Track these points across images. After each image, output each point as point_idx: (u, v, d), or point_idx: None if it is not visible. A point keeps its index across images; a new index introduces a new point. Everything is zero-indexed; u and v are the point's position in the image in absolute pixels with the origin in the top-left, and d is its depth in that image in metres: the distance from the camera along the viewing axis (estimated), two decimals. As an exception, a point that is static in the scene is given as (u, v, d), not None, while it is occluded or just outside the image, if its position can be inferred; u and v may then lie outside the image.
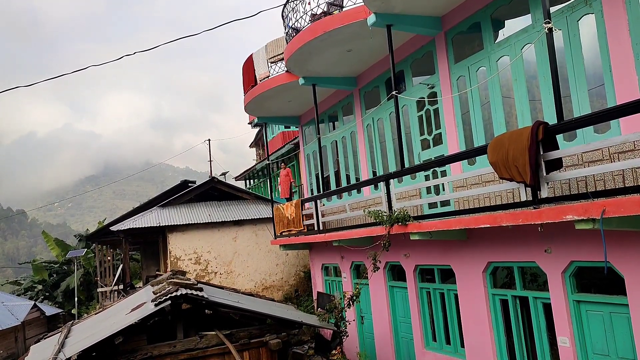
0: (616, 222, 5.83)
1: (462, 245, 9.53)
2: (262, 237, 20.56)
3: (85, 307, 31.77)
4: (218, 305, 9.45)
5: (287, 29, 12.48)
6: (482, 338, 9.22)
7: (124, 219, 21.90)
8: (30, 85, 11.58)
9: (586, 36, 7.46)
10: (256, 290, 19.39)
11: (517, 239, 8.21)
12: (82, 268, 34.06)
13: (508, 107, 9.08)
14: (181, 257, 19.64)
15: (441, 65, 10.27)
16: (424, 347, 10.96)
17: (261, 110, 16.64)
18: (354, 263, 13.79)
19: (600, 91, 7.37)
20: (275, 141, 28.96)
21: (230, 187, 22.78)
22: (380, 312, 12.58)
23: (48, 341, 10.85)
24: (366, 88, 13.49)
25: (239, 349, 9.29)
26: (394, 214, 9.55)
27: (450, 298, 10.28)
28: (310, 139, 17.34)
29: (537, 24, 8.03)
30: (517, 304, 8.66)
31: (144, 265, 27.51)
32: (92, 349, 8.34)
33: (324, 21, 10.77)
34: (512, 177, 6.88)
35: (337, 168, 16.05)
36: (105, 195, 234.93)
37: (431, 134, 10.96)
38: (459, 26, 9.77)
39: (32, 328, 26.77)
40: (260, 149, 36.92)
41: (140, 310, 9.30)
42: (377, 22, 9.55)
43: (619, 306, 6.84)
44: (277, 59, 14.16)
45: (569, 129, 6.64)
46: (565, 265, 7.43)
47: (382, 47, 11.28)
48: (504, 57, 8.85)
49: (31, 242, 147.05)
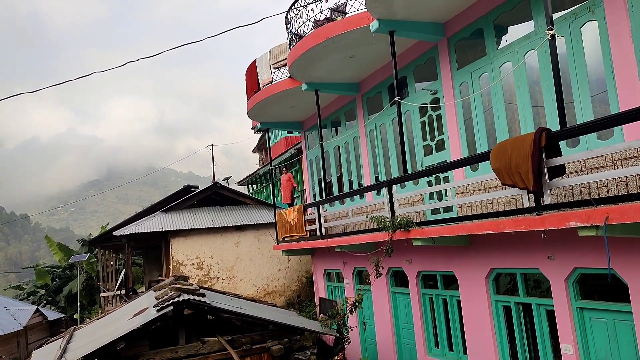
0: (620, 229, 5.81)
1: (464, 251, 9.51)
2: (264, 243, 20.55)
3: (87, 312, 31.75)
4: (220, 311, 9.45)
5: (290, 35, 12.52)
6: (484, 345, 9.18)
7: (126, 223, 21.91)
8: (34, 92, 11.63)
9: (589, 43, 7.46)
10: (258, 296, 19.37)
11: (520, 245, 8.19)
12: (84, 273, 34.07)
13: (511, 113, 9.08)
14: (183, 262, 19.65)
15: (444, 71, 10.28)
16: (427, 354, 10.92)
17: (264, 116, 16.67)
18: (357, 269, 13.77)
19: (603, 97, 7.37)
20: (278, 146, 29.00)
21: (233, 192, 22.80)
22: (382, 318, 12.55)
23: (50, 346, 10.85)
24: (369, 94, 13.50)
25: (241, 355, 9.28)
26: (396, 219, 9.53)
27: (453, 304, 10.25)
28: (312, 144, 17.36)
29: (540, 31, 8.03)
30: (520, 311, 8.63)
31: (147, 270, 27.51)
32: (94, 354, 8.34)
33: (327, 27, 10.80)
34: (515, 183, 6.87)
35: (339, 173, 16.06)
36: (108, 200, 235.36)
37: (434, 140, 10.96)
38: (462, 32, 9.79)
39: (35, 333, 26.74)
40: (263, 154, 36.97)
41: (142, 315, 9.30)
42: (380, 28, 9.57)
43: (622, 313, 6.81)
44: (280, 65, 14.20)
45: (572, 135, 6.63)
46: (569, 272, 7.40)
47: (384, 53, 11.30)
48: (506, 64, 8.86)
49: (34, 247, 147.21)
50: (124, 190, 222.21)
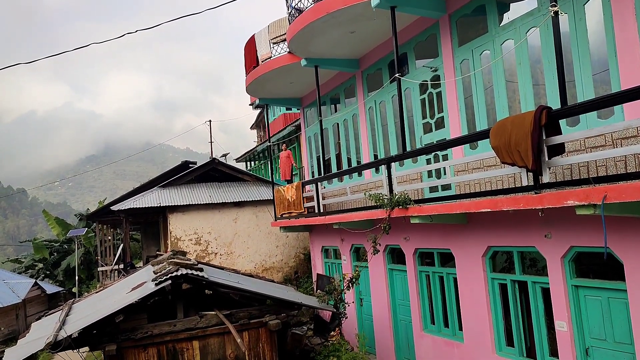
0: (617, 208, 5.83)
1: (462, 229, 9.55)
2: (262, 219, 20.61)
3: (85, 286, 31.98)
4: (218, 286, 9.50)
5: (290, 10, 12.35)
6: (480, 321, 9.29)
7: (124, 198, 21.91)
8: (30, 62, 11.50)
9: (592, 21, 7.38)
10: (256, 272, 19.49)
11: (518, 223, 8.23)
12: (82, 247, 34.22)
13: (511, 91, 9.03)
14: (181, 238, 19.72)
15: (445, 48, 10.19)
16: (422, 330, 11.05)
17: (263, 92, 16.55)
18: (354, 246, 13.84)
19: (604, 76, 7.33)
20: (277, 123, 28.87)
21: (231, 168, 22.76)
22: (379, 294, 12.66)
23: (49, 318, 10.93)
24: (369, 70, 13.40)
25: (238, 329, 9.36)
26: (394, 197, 9.55)
27: (450, 282, 10.33)
28: (311, 121, 17.29)
29: (543, 8, 7.94)
30: (516, 289, 8.72)
31: (145, 245, 27.63)
32: (93, 326, 8.41)
33: (327, 2, 10.65)
34: (514, 161, 6.87)
35: (338, 151, 16.03)
36: (106, 175, 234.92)
37: (433, 118, 10.92)
38: (464, 9, 9.67)
39: (33, 306, 26.99)
40: (261, 131, 36.83)
41: (140, 289, 9.36)
42: (381, 3, 9.44)
43: (617, 291, 6.88)
44: (279, 40, 14.04)
45: (573, 114, 6.61)
46: (565, 251, 7.45)
47: (385, 29, 11.18)
48: (508, 41, 8.78)
49: (32, 221, 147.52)
50: (122, 166, 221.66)
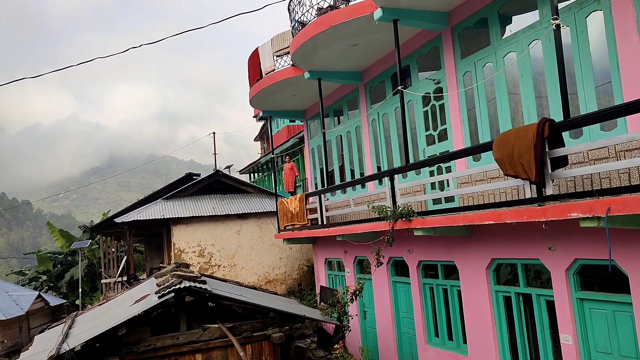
0: (621, 221, 5.81)
1: (465, 241, 9.52)
2: (265, 231, 20.59)
3: (89, 298, 31.92)
4: (221, 298, 9.48)
5: (294, 23, 12.45)
6: (484, 334, 9.22)
7: (128, 210, 21.96)
8: (36, 77, 11.59)
9: (594, 33, 7.41)
10: (259, 284, 19.43)
11: (521, 236, 8.20)
12: (86, 259, 34.21)
13: (514, 103, 9.04)
14: (185, 250, 19.70)
15: (447, 61, 10.23)
16: (427, 343, 10.98)
17: (266, 104, 16.63)
18: (357, 258, 13.80)
19: (607, 88, 7.33)
20: (280, 135, 28.94)
21: (234, 180, 22.80)
22: (383, 307, 12.59)
23: (52, 331, 10.91)
24: (372, 83, 13.45)
25: (241, 342, 9.33)
26: (398, 209, 9.54)
27: (453, 294, 10.28)
28: (315, 133, 17.33)
29: (545, 20, 7.98)
30: (520, 301, 8.66)
31: (148, 257, 27.61)
32: (95, 339, 8.39)
33: (331, 15, 10.73)
34: (518, 174, 6.86)
35: (341, 162, 16.04)
36: (110, 187, 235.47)
37: (436, 130, 10.93)
38: (466, 21, 9.72)
39: (37, 318, 26.93)
40: (265, 143, 36.93)
41: (143, 302, 9.34)
42: (383, 16, 9.51)
43: (622, 304, 6.82)
44: (282, 53, 14.14)
45: (575, 126, 6.61)
46: (569, 263, 7.41)
47: (388, 42, 11.24)
48: (510, 53, 8.81)
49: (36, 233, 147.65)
50: (126, 178, 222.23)
